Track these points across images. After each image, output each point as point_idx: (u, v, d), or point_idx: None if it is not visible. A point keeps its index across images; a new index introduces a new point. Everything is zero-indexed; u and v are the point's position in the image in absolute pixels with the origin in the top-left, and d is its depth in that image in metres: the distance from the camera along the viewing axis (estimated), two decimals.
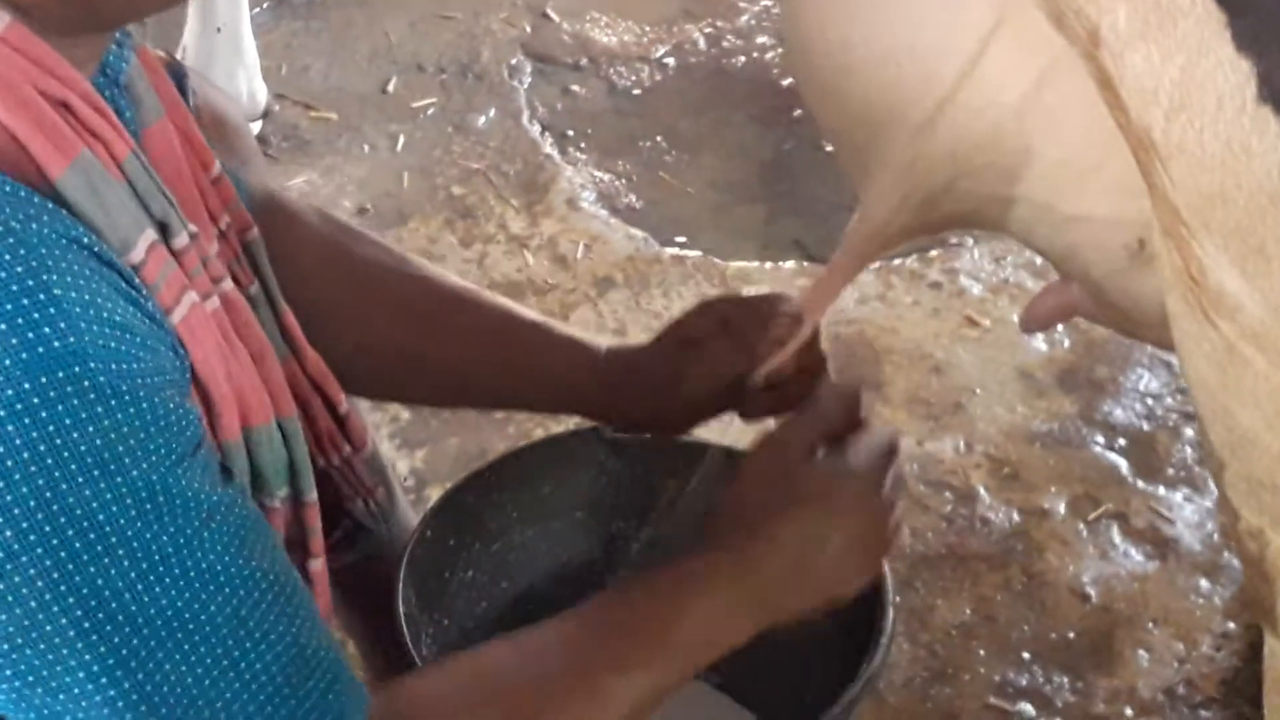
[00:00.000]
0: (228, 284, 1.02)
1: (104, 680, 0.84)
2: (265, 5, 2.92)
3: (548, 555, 1.47)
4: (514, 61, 2.82)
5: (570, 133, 2.67)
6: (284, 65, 2.79)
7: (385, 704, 0.94)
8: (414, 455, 2.06)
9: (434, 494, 1.53)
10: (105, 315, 0.83)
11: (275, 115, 2.65)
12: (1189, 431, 2.08)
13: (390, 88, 2.75)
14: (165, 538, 0.84)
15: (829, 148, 2.56)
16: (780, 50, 2.79)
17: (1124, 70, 0.76)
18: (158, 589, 0.84)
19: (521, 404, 1.44)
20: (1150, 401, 2.16)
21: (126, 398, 0.83)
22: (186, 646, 0.85)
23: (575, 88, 2.77)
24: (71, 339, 0.81)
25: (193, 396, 0.92)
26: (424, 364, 1.32)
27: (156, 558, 0.84)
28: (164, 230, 0.94)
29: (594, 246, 2.42)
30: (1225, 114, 0.72)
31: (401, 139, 2.63)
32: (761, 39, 2.85)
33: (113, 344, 0.83)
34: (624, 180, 2.57)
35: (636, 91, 2.77)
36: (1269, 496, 0.83)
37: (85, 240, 0.85)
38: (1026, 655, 1.83)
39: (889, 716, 1.76)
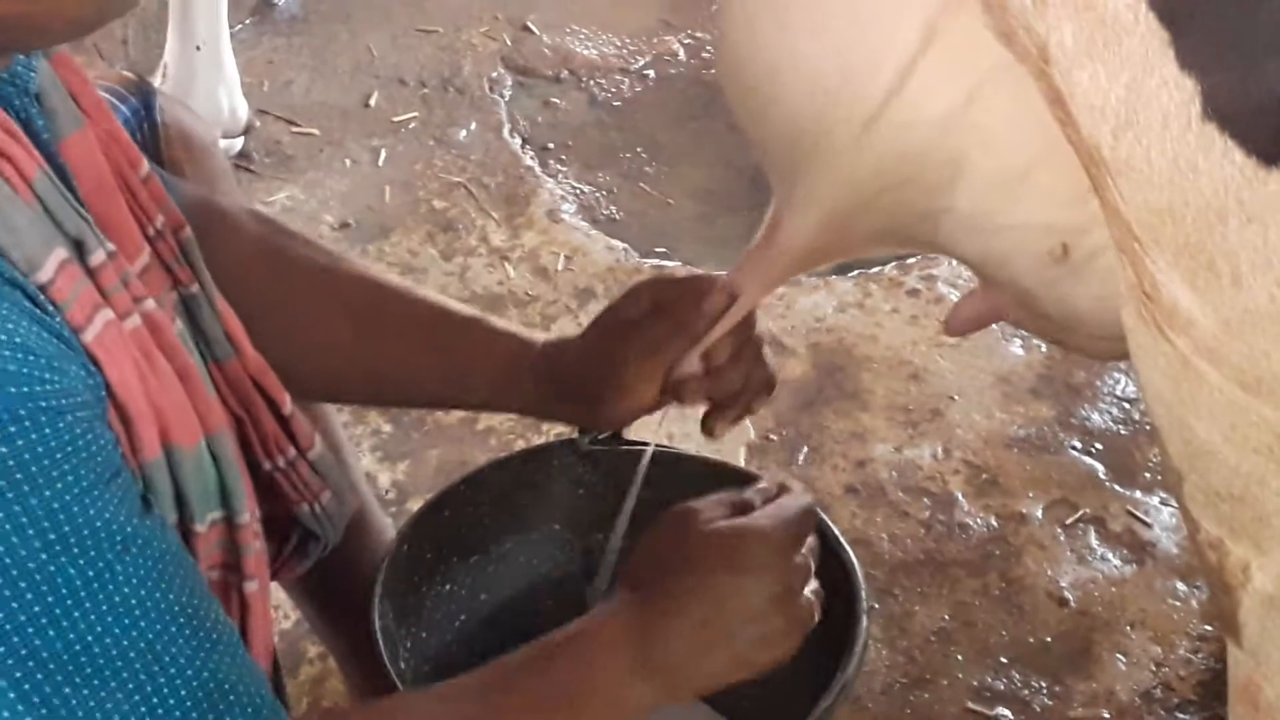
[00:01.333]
0: (150, 304, 1.00)
1: (5, 714, 0.82)
2: (247, 22, 2.93)
3: (526, 567, 1.48)
4: (495, 75, 2.83)
5: (551, 145, 2.68)
6: (266, 81, 2.80)
7: None
8: (395, 468, 2.07)
9: (416, 506, 1.54)
10: (4, 338, 0.81)
11: (257, 131, 2.66)
12: None
13: (372, 102, 2.76)
14: (73, 569, 0.82)
15: None
16: None
17: (1073, 87, 0.77)
18: (65, 622, 0.82)
19: (460, 400, 1.39)
20: (1127, 406, 2.17)
21: (26, 423, 0.81)
22: (96, 681, 0.84)
23: (556, 100, 2.78)
24: None
25: (111, 419, 0.90)
26: (361, 360, 1.30)
27: (64, 590, 0.82)
28: (80, 248, 0.93)
29: (575, 258, 2.43)
30: (1171, 131, 0.73)
31: (383, 153, 2.64)
32: None
33: (10, 367, 0.81)
34: (605, 192, 2.58)
35: (617, 103, 2.78)
36: (1227, 507, 0.83)
37: None
38: (1004, 660, 1.84)
39: None
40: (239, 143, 2.59)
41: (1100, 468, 2.08)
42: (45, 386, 0.82)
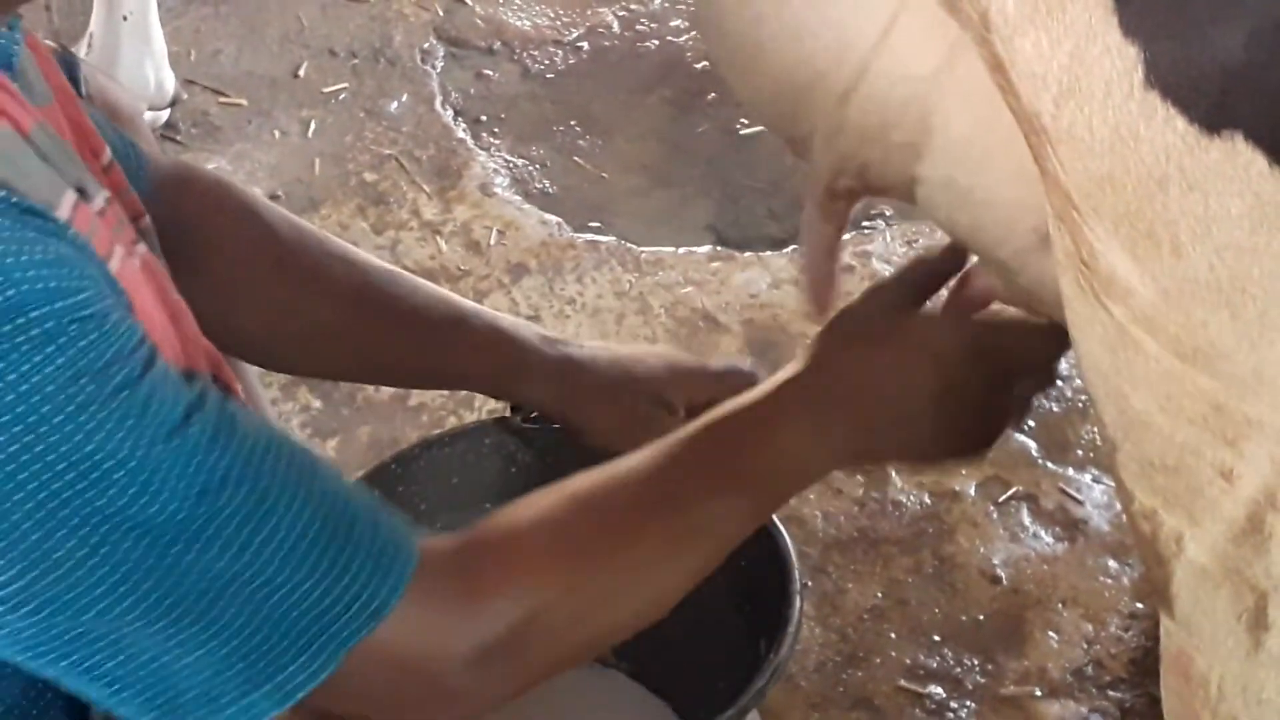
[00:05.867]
0: (142, 247, 1.01)
1: (123, 589, 0.84)
2: None
3: None
4: (426, 45, 2.80)
5: (483, 118, 2.65)
6: (193, 51, 2.75)
7: (456, 540, 0.94)
8: (325, 444, 2.05)
9: None
10: (37, 257, 0.83)
11: (185, 102, 2.62)
12: None
13: (301, 72, 2.72)
14: (158, 446, 0.84)
15: (744, 130, 2.57)
16: (694, 33, 2.78)
17: (1014, 55, 0.76)
18: (165, 494, 0.84)
19: (440, 384, 1.41)
20: (1059, 383, 2.18)
21: (74, 330, 0.83)
22: (207, 535, 0.85)
23: (488, 72, 2.75)
24: (11, 291, 0.81)
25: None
26: (344, 339, 1.31)
27: (151, 467, 0.84)
28: (82, 194, 0.93)
29: (507, 233, 2.40)
30: (1113, 99, 0.72)
31: (313, 124, 2.61)
32: (675, 22, 2.84)
33: (52, 283, 0.82)
34: (538, 165, 2.56)
35: (550, 76, 2.76)
36: (1161, 478, 0.83)
37: (2, 194, 0.83)
38: (937, 638, 1.84)
39: (801, 701, 1.77)
40: (164, 115, 2.55)
41: (1033, 445, 2.09)
42: (83, 294, 0.84)
